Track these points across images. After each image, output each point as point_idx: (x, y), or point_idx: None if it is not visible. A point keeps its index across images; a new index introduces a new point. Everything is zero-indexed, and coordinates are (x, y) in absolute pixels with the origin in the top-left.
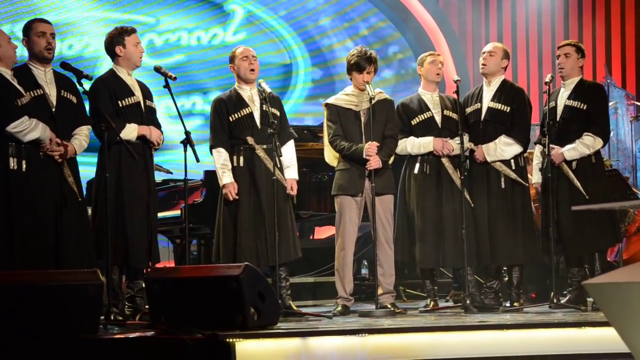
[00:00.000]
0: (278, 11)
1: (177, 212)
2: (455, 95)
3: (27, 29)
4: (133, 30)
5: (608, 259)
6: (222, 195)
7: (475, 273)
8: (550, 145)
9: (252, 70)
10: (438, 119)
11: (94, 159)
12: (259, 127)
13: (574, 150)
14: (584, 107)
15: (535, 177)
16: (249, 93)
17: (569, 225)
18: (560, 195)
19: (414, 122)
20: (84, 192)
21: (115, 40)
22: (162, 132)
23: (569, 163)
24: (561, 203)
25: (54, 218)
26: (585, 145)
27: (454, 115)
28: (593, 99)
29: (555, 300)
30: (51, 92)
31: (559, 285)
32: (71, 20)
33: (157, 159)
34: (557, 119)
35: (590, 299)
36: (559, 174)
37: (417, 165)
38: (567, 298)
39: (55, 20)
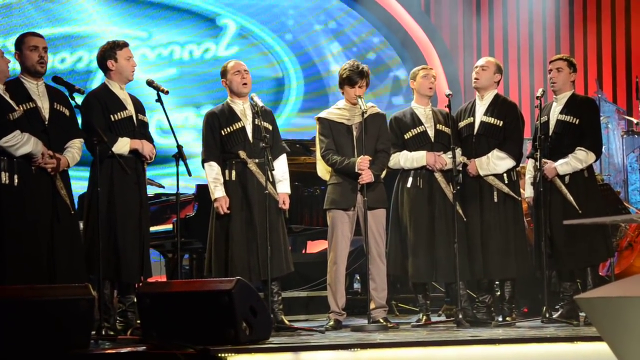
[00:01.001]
0: (270, 25)
1: (169, 227)
2: (447, 109)
3: (20, 43)
4: (125, 44)
5: (600, 274)
6: (214, 209)
7: (467, 287)
8: (543, 160)
9: (245, 84)
10: (431, 133)
11: (86, 173)
12: (251, 141)
13: (566, 165)
14: (577, 122)
15: (527, 192)
16: (241, 107)
17: (562, 239)
18: (552, 210)
19: (406, 136)
20: (76, 207)
21: (107, 54)
22: (154, 146)
23: (561, 177)
24: (554, 217)
25: (47, 232)
26: (578, 159)
27: (447, 130)
28: (585, 113)
29: (547, 315)
30: (44, 105)
31: (551, 299)
32: (63, 34)
33: (149, 173)
34: (550, 134)
35: (582, 314)
36: (552, 189)
37: (410, 180)
38: (559, 313)
39: (48, 33)
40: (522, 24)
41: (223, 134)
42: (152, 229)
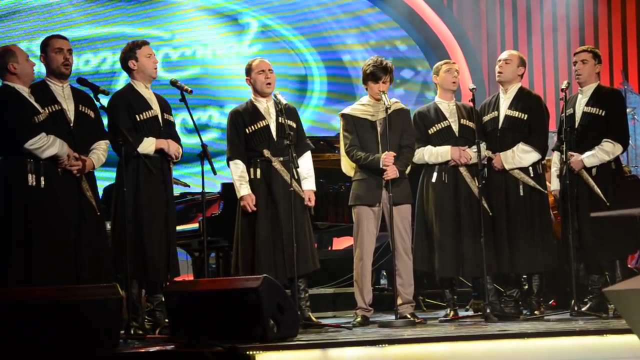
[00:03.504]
0: (293, 23)
1: (195, 225)
2: (471, 104)
3: (45, 46)
4: (144, 43)
5: (629, 266)
6: (240, 207)
7: (494, 281)
8: (569, 153)
9: (269, 84)
10: (455, 127)
11: (112, 173)
12: (275, 140)
13: (593, 157)
14: (603, 114)
15: (553, 184)
16: (265, 105)
17: (589, 232)
18: (580, 203)
19: (431, 131)
20: (102, 205)
21: (128, 55)
22: (181, 145)
23: (588, 170)
24: (581, 210)
25: (73, 234)
26: (604, 151)
27: (471, 124)
28: (611, 105)
29: (576, 308)
30: (69, 107)
31: (580, 292)
32: (87, 36)
33: (174, 172)
34: (576, 126)
35: (611, 306)
36: (578, 181)
37: (435, 175)
38: (588, 305)
39: (72, 36)
40: (545, 15)
41: (247, 132)
42: (179, 228)
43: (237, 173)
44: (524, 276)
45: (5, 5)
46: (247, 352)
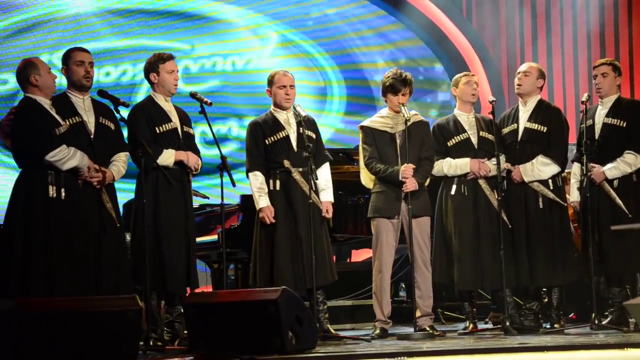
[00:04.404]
0: (312, 35)
1: (214, 237)
2: (490, 116)
3: (66, 58)
4: (169, 57)
5: None
6: (259, 219)
7: (514, 294)
8: (590, 164)
9: (288, 100)
10: (474, 140)
11: (132, 185)
12: (295, 150)
13: (615, 169)
14: (624, 125)
15: (573, 195)
16: (284, 116)
17: (610, 244)
18: (601, 215)
19: (450, 143)
20: (121, 216)
21: (151, 67)
22: (200, 157)
23: (610, 182)
24: (602, 222)
25: (93, 245)
26: (626, 163)
27: (490, 136)
28: (632, 116)
29: (596, 321)
30: (90, 119)
31: (600, 305)
32: (108, 49)
33: (194, 184)
34: (596, 137)
35: (632, 320)
36: (599, 193)
37: (454, 187)
38: (608, 319)
39: (92, 48)
40: (565, 26)
41: (267, 143)
42: (198, 239)
43: (256, 184)
44: (544, 289)
45: (27, 18)
46: None
